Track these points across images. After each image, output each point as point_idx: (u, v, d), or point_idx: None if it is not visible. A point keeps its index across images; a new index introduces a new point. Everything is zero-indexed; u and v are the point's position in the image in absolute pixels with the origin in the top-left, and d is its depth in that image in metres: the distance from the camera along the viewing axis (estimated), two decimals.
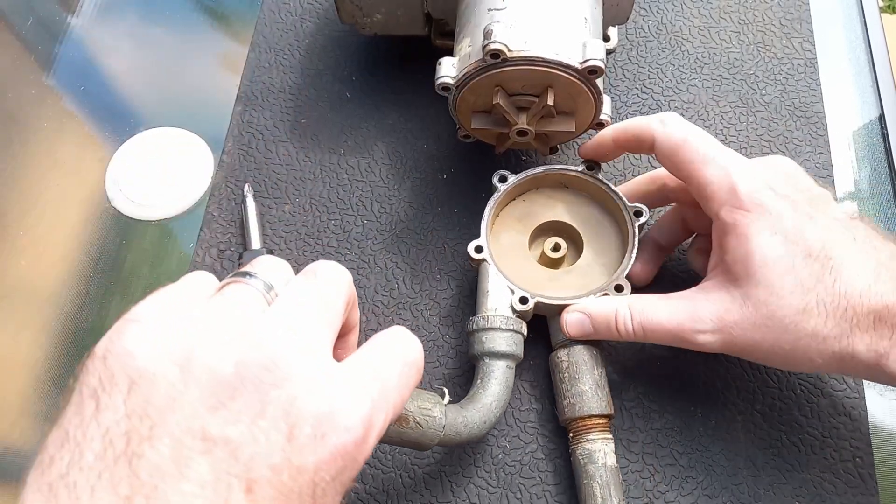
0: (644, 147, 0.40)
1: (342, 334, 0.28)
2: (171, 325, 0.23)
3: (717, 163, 0.36)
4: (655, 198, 0.43)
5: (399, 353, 0.27)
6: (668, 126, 0.38)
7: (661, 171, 0.42)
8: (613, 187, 0.43)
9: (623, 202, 0.43)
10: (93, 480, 0.20)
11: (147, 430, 0.21)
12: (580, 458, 0.38)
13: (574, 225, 0.44)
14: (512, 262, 0.43)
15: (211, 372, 0.22)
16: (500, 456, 0.41)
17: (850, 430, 0.41)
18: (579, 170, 0.44)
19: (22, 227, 0.50)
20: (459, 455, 0.41)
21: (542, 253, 0.44)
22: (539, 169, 0.45)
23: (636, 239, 0.42)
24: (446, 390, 0.37)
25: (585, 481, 0.38)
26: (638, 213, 0.42)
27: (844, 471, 0.40)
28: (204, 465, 0.21)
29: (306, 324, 0.25)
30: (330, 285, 0.27)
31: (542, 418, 0.42)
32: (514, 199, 0.46)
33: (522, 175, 0.44)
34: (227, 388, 0.22)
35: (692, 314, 0.36)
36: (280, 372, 0.23)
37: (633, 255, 0.41)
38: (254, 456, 0.21)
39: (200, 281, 0.27)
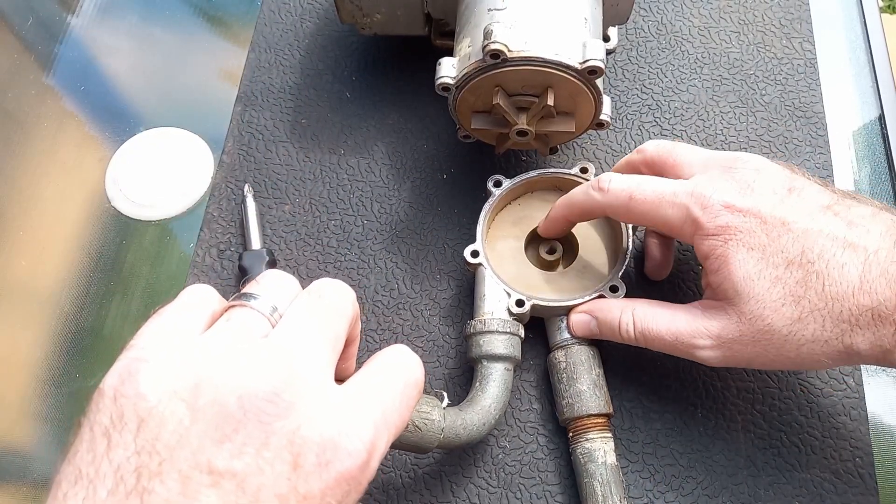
0: (596, 216, 0.41)
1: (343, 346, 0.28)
2: (177, 361, 0.24)
3: (671, 202, 0.36)
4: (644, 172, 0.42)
5: (400, 374, 0.27)
6: (609, 193, 0.38)
7: (646, 146, 0.41)
8: None
9: None
10: None
11: (156, 465, 0.21)
12: (580, 457, 0.39)
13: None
14: (508, 266, 0.43)
15: (215, 406, 0.23)
16: (500, 456, 0.41)
17: (850, 430, 0.41)
18: (573, 173, 0.45)
19: (22, 227, 0.50)
20: (459, 455, 0.41)
21: (538, 256, 0.44)
22: (533, 173, 0.45)
23: (630, 240, 0.42)
24: (445, 394, 0.37)
25: (586, 480, 0.38)
26: None
27: (844, 471, 0.40)
28: (213, 498, 0.21)
29: (308, 350, 0.25)
30: (333, 307, 0.27)
31: (542, 418, 0.42)
32: (510, 203, 0.46)
33: (517, 179, 0.45)
34: (231, 422, 0.22)
35: (691, 329, 0.36)
36: (282, 402, 0.23)
37: (628, 256, 0.42)
38: (261, 487, 0.22)
39: (200, 300, 0.27)
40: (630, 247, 0.42)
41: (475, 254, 0.42)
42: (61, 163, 0.52)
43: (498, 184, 0.45)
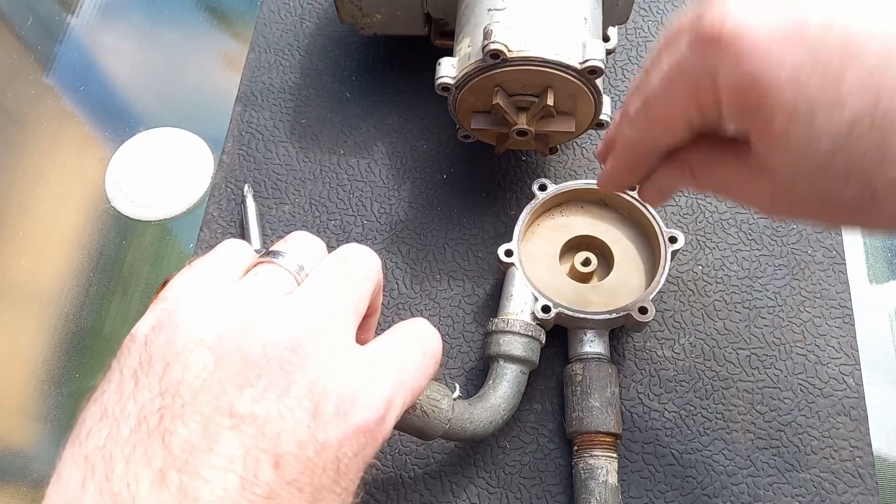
0: (648, 142, 0.30)
1: (363, 317, 0.28)
2: (206, 311, 0.24)
3: (677, 32, 0.26)
4: None
5: (419, 342, 0.28)
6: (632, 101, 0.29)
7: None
8: (652, 210, 0.43)
9: (660, 226, 0.42)
10: (127, 453, 0.21)
11: (179, 407, 0.22)
12: (581, 472, 0.38)
13: (607, 242, 0.44)
14: (540, 271, 0.43)
15: (239, 353, 0.23)
16: (500, 456, 0.41)
17: (850, 430, 0.41)
18: None
19: (22, 226, 0.50)
20: (459, 455, 0.41)
21: (572, 266, 0.43)
22: (580, 182, 0.44)
23: (668, 264, 0.41)
24: (457, 385, 0.37)
25: (584, 496, 0.38)
26: (673, 239, 0.42)
27: (844, 471, 0.40)
28: (233, 441, 0.22)
29: (332, 308, 0.26)
30: (358, 271, 0.28)
31: (542, 418, 0.42)
32: (551, 210, 0.45)
33: (563, 186, 0.44)
34: (254, 368, 0.23)
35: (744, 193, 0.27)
36: (304, 353, 0.24)
37: (663, 279, 0.41)
38: (280, 432, 0.22)
39: (234, 254, 0.28)
40: (666, 271, 0.41)
41: (509, 253, 0.42)
42: (61, 163, 0.52)
43: (543, 188, 0.44)
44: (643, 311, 0.40)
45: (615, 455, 0.39)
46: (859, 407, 0.42)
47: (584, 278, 0.43)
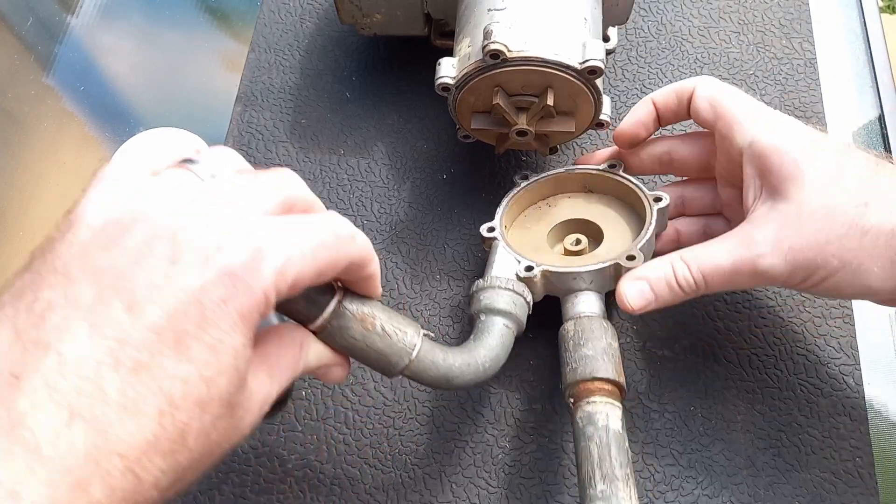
0: (683, 103, 0.40)
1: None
2: (101, 204, 0.25)
3: (752, 103, 0.38)
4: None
5: (320, 222, 0.28)
6: (706, 80, 0.40)
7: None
8: (635, 180, 0.42)
9: (644, 192, 0.42)
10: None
11: (52, 277, 0.23)
12: (579, 421, 0.35)
13: (596, 221, 0.44)
14: (529, 253, 0.42)
15: (114, 222, 0.24)
16: (500, 456, 0.41)
17: (850, 430, 0.41)
18: (601, 168, 0.44)
19: (22, 226, 0.50)
20: (459, 455, 0.41)
21: (564, 249, 0.43)
22: (561, 169, 0.45)
23: (653, 218, 0.41)
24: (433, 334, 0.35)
25: (583, 444, 0.34)
26: (657, 199, 0.41)
27: (844, 471, 0.40)
28: (90, 293, 0.23)
29: (221, 191, 0.26)
30: (270, 181, 0.28)
31: (542, 418, 0.42)
32: (537, 202, 0.46)
33: (544, 175, 0.45)
34: (122, 229, 0.24)
35: (748, 243, 0.35)
36: (173, 213, 0.24)
37: (650, 231, 0.40)
38: (136, 277, 0.23)
39: (161, 148, 0.28)
40: (654, 224, 0.40)
41: (491, 229, 0.42)
42: (61, 163, 0.52)
43: (525, 178, 0.45)
44: (631, 258, 0.38)
45: (618, 404, 0.35)
46: (859, 407, 0.42)
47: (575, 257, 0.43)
